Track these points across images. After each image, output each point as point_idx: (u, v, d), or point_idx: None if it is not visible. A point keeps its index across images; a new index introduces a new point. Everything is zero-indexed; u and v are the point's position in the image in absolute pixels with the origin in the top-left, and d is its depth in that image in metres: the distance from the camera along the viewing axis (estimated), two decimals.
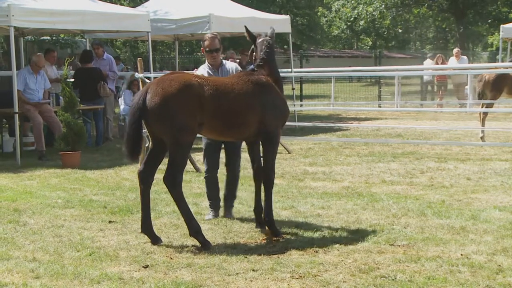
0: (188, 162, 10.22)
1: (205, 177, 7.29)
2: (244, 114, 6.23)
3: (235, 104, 6.15)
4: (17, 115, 11.37)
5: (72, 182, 9.46)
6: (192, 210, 7.35)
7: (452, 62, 20.70)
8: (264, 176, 6.48)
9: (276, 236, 6.29)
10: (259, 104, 6.27)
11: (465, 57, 21.94)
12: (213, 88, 6.07)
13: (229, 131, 6.34)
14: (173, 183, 5.94)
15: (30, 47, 23.74)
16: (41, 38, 23.67)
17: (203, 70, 7.12)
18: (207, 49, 7.00)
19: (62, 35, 25.46)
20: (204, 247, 5.88)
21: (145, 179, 6.09)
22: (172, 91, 5.85)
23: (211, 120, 6.07)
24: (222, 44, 7.22)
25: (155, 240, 6.06)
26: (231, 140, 6.85)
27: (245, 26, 6.88)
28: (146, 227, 6.12)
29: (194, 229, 5.98)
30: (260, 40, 6.70)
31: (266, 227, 6.46)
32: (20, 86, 11.84)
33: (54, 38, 25.45)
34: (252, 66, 6.67)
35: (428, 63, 21.49)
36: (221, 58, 7.19)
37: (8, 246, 6.11)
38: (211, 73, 6.96)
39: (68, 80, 11.40)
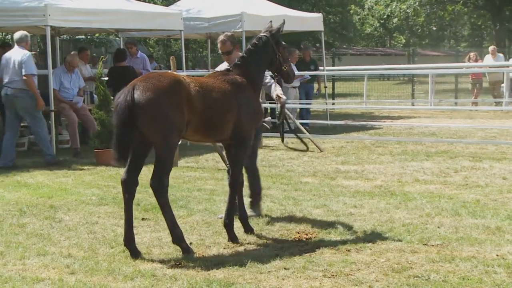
0: (221, 160, 10.28)
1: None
2: (224, 115, 6.00)
3: (217, 104, 5.93)
4: (53, 113, 11.57)
5: (106, 179, 9.57)
6: (224, 208, 7.38)
7: (488, 60, 20.38)
8: (231, 177, 6.25)
9: (233, 242, 6.10)
10: (235, 105, 6.07)
11: (501, 54, 21.58)
12: (198, 86, 5.85)
13: (211, 132, 6.08)
14: (161, 188, 5.64)
15: (66, 46, 24.08)
16: (76, 37, 23.99)
17: (222, 67, 7.06)
18: (219, 51, 7.05)
19: (96, 34, 25.77)
20: (187, 253, 5.67)
21: (130, 188, 5.76)
22: (163, 87, 5.55)
23: (197, 120, 5.81)
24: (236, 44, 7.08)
25: (135, 254, 5.71)
26: (211, 142, 6.61)
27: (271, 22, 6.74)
28: (129, 240, 5.76)
29: (178, 237, 5.76)
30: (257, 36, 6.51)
31: (226, 230, 6.19)
32: (55, 85, 12.04)
33: (89, 37, 25.77)
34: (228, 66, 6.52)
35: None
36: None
37: (44, 242, 6.22)
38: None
39: (102, 78, 11.53)
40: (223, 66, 7.03)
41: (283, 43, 6.68)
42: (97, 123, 11.22)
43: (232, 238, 6.16)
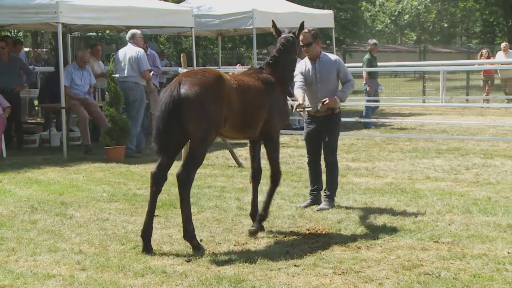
0: (231, 157, 10.30)
1: (307, 163, 7.64)
2: (258, 112, 6.16)
3: (253, 101, 6.09)
4: (64, 110, 11.62)
5: (116, 176, 9.60)
6: (234, 205, 7.43)
7: (500, 56, 20.28)
8: (272, 173, 6.42)
9: (259, 231, 6.28)
10: (268, 103, 6.24)
11: None
12: (237, 84, 5.99)
13: (246, 129, 6.21)
14: (186, 181, 5.67)
15: (77, 43, 24.19)
16: (88, 34, 24.10)
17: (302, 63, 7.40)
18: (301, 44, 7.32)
19: (107, 31, 25.85)
20: (197, 250, 5.70)
21: (159, 182, 5.76)
22: (209, 82, 5.68)
23: (234, 117, 5.92)
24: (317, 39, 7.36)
25: (148, 248, 5.73)
26: (243, 139, 6.79)
27: (272, 20, 6.91)
28: (146, 233, 5.77)
29: (190, 233, 5.79)
30: (281, 36, 6.67)
31: (257, 221, 6.36)
32: (66, 82, 12.09)
33: (100, 34, 25.87)
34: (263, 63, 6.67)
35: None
36: (320, 50, 7.41)
37: (55, 238, 6.25)
38: (309, 66, 7.35)
39: (113, 75, 11.57)
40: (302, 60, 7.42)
41: (301, 43, 6.93)
42: (108, 120, 11.26)
43: (259, 229, 6.31)
